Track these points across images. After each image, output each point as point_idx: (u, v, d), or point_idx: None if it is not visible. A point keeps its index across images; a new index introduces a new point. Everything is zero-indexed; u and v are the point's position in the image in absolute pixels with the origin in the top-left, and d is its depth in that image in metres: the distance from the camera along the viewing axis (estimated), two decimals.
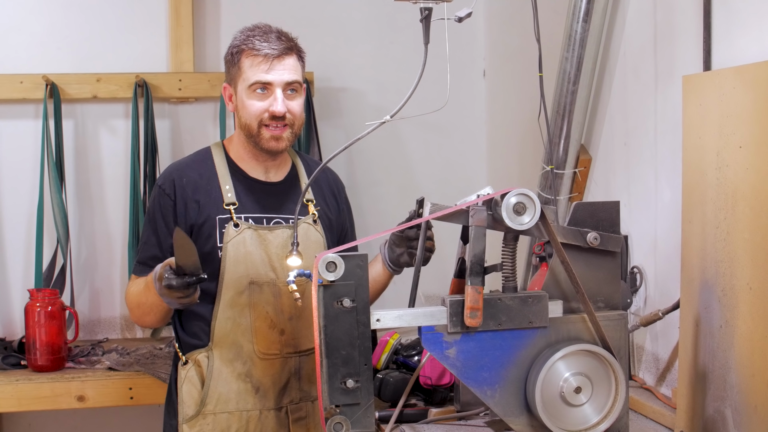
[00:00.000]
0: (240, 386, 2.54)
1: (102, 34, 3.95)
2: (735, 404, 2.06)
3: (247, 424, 2.56)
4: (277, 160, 2.64)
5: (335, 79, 4.10)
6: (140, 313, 2.57)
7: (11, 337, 3.82)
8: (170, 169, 2.67)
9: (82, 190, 3.96)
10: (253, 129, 2.53)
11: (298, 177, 2.69)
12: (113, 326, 3.99)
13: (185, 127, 4.02)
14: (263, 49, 2.50)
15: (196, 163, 2.62)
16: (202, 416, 2.53)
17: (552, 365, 1.99)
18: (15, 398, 3.33)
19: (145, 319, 2.60)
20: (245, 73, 2.52)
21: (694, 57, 2.42)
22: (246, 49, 2.52)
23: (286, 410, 2.60)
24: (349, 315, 1.93)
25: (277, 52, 2.50)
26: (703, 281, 2.18)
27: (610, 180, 2.97)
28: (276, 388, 2.57)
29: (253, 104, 2.52)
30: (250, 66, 2.51)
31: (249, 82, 2.51)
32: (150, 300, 2.47)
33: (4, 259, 3.92)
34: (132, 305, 2.60)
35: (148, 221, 2.60)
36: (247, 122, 2.54)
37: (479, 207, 1.99)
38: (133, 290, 2.58)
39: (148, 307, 2.52)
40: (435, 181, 4.18)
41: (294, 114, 2.54)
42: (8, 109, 3.88)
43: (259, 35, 2.52)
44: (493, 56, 4.12)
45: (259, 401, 2.56)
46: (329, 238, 2.66)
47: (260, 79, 2.50)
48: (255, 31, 2.55)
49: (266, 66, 2.50)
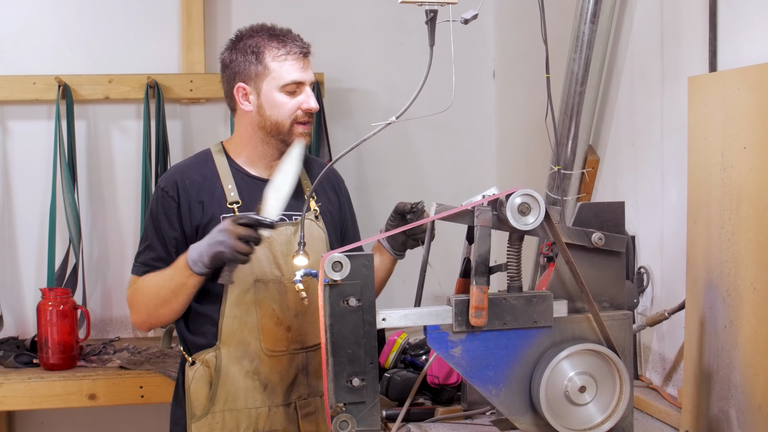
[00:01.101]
0: (248, 384, 2.56)
1: (114, 35, 3.98)
2: (739, 404, 2.07)
3: (256, 421, 2.57)
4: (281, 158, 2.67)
5: (345, 80, 4.12)
6: (156, 303, 2.54)
7: (24, 336, 3.85)
8: (172, 171, 2.68)
9: (94, 190, 4.00)
10: (284, 126, 2.57)
11: (300, 174, 2.72)
12: (125, 325, 4.03)
13: (196, 128, 4.05)
14: (294, 49, 2.56)
15: (198, 164, 2.64)
16: (212, 415, 2.55)
17: (557, 364, 2.00)
18: (27, 396, 3.36)
19: (160, 312, 2.55)
20: (275, 72, 2.55)
21: (700, 58, 2.43)
22: (273, 48, 2.55)
23: (294, 406, 2.61)
24: (355, 314, 1.94)
25: (306, 51, 2.58)
26: (708, 281, 2.19)
27: (618, 181, 2.98)
28: (284, 384, 2.59)
29: (287, 102, 2.56)
30: (280, 65, 2.55)
31: (283, 82, 2.55)
32: (176, 282, 2.48)
33: (16, 258, 3.96)
34: (144, 299, 2.57)
35: (151, 223, 2.61)
36: (277, 120, 2.57)
37: (484, 207, 2.00)
38: (147, 282, 2.56)
39: (171, 293, 2.50)
40: (444, 181, 4.20)
41: (315, 111, 2.62)
42: (21, 109, 3.92)
43: (283, 36, 2.57)
44: (502, 57, 4.13)
45: (268, 398, 2.58)
46: (332, 234, 2.68)
47: (297, 78, 2.55)
48: (275, 31, 2.59)
49: (300, 65, 2.56)
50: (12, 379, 3.37)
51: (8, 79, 3.85)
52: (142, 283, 2.58)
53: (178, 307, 2.54)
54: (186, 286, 2.48)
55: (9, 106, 3.92)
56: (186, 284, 2.47)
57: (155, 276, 2.55)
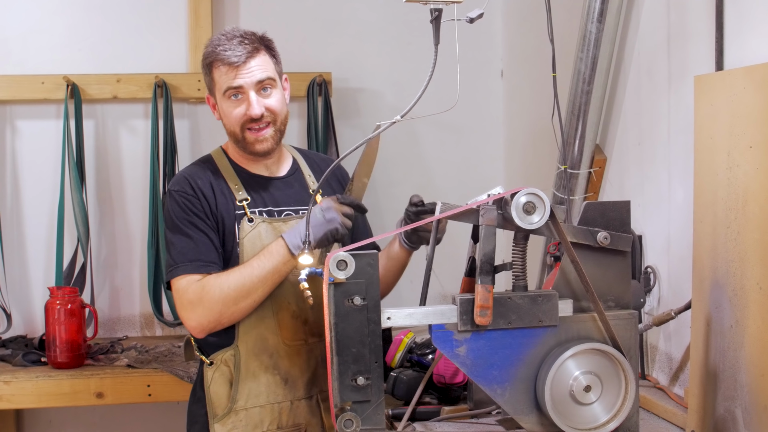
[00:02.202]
0: (269, 379, 2.57)
1: (122, 35, 4.00)
2: (745, 404, 2.06)
3: (279, 416, 2.58)
4: (273, 156, 2.67)
5: (353, 79, 4.13)
6: (238, 296, 2.46)
7: (32, 335, 3.87)
8: (180, 176, 2.68)
9: (102, 189, 4.01)
10: (237, 135, 2.59)
11: (301, 170, 2.73)
12: (133, 324, 4.04)
13: (204, 127, 4.06)
14: (228, 57, 2.54)
15: (201, 169, 2.65)
16: (234, 413, 2.55)
17: (562, 364, 2.00)
18: (35, 394, 3.38)
19: (240, 305, 2.48)
20: (217, 83, 2.58)
21: (706, 57, 2.42)
22: (213, 60, 2.57)
23: (316, 399, 2.62)
24: (360, 313, 1.95)
25: (243, 58, 2.54)
26: (714, 281, 2.18)
27: (625, 180, 2.97)
28: (305, 377, 2.59)
29: (231, 111, 2.57)
30: (219, 75, 2.56)
31: (222, 91, 2.57)
32: (267, 270, 2.45)
33: (25, 257, 3.97)
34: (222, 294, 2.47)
35: (182, 225, 2.55)
36: (231, 129, 2.60)
37: (489, 206, 2.00)
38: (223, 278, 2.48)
39: (259, 282, 2.46)
40: (452, 181, 4.20)
41: (273, 110, 2.58)
42: (30, 109, 3.94)
43: (224, 43, 2.56)
44: (510, 57, 4.13)
45: (289, 392, 2.59)
46: None
47: (230, 85, 2.55)
48: (220, 40, 2.58)
49: (234, 72, 2.54)
50: (20, 377, 3.38)
51: (17, 78, 3.87)
52: (215, 280, 2.49)
53: (260, 298, 2.49)
54: (280, 273, 2.47)
55: (18, 106, 3.94)
56: (281, 271, 2.47)
57: (235, 270, 2.49)
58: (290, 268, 2.48)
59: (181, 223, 2.56)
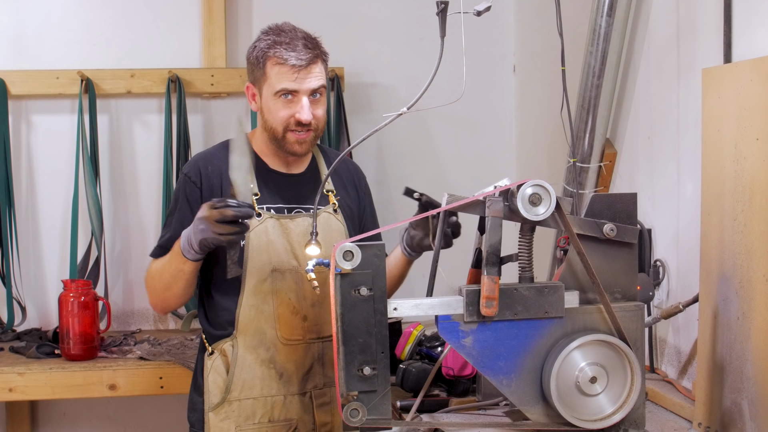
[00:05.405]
0: (264, 372, 2.59)
1: (136, 30, 4.02)
2: (751, 396, 2.07)
3: (271, 409, 2.60)
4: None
5: (365, 74, 4.13)
6: (161, 287, 2.58)
7: (46, 327, 3.91)
8: (196, 158, 2.71)
9: (116, 183, 4.04)
10: (278, 133, 2.57)
11: (318, 169, 2.73)
12: (146, 317, 4.07)
13: (217, 122, 4.08)
14: (290, 59, 2.50)
15: (221, 153, 2.65)
16: (228, 403, 2.57)
17: (567, 355, 2.01)
18: (49, 386, 3.41)
19: (166, 295, 2.60)
20: (270, 79, 2.54)
21: (715, 50, 2.42)
22: (272, 56, 2.52)
23: (310, 395, 2.64)
24: (366, 303, 1.96)
25: (304, 63, 2.51)
26: (721, 273, 2.18)
27: (635, 174, 2.98)
28: (300, 373, 2.61)
29: (279, 110, 2.54)
30: (276, 74, 2.52)
31: (275, 89, 2.53)
32: (173, 267, 2.51)
33: (40, 251, 4.01)
34: (153, 281, 2.62)
35: (175, 208, 2.65)
36: (272, 126, 2.57)
37: (496, 198, 2.01)
38: (154, 266, 2.62)
39: (171, 278, 2.54)
40: (464, 175, 4.20)
41: (318, 119, 2.57)
42: (44, 104, 3.97)
43: (286, 43, 2.52)
44: (522, 52, 4.13)
45: (283, 387, 2.60)
46: (350, 227, 2.70)
47: (287, 87, 2.52)
48: (281, 37, 2.54)
49: (294, 75, 2.51)
50: (34, 369, 3.41)
51: (32, 73, 3.90)
52: (151, 267, 2.63)
53: (180, 292, 2.57)
54: (183, 272, 2.51)
55: (32, 101, 3.97)
56: (182, 270, 2.51)
57: (160, 261, 2.59)
58: (192, 267, 2.49)
59: (175, 207, 2.64)
